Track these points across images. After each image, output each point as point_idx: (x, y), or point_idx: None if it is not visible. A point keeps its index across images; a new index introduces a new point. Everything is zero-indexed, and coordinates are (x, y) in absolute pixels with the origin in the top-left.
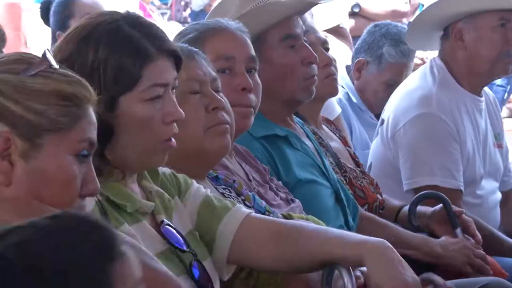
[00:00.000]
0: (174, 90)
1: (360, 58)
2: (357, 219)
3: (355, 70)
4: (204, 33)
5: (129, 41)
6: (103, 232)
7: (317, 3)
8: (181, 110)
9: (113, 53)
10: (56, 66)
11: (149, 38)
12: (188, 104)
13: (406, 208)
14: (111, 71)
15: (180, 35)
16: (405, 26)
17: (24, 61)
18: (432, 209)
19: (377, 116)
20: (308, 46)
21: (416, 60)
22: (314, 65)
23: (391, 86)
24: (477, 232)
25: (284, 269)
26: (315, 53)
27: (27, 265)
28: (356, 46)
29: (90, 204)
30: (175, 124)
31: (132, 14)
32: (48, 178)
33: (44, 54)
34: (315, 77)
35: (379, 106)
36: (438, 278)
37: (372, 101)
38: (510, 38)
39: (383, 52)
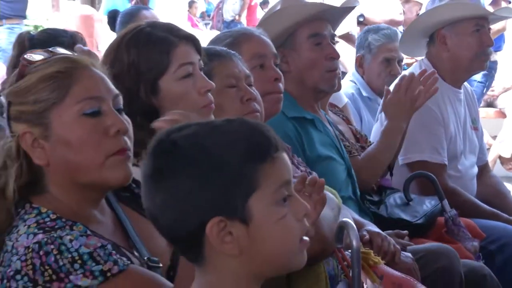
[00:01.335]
0: (202, 71)
1: (357, 56)
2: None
3: (358, 67)
4: (238, 38)
5: (152, 38)
6: (262, 137)
7: (335, 8)
8: (211, 82)
9: (141, 50)
10: (43, 56)
11: (167, 31)
12: (226, 96)
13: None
14: (144, 64)
15: (218, 41)
16: (386, 25)
17: (16, 73)
18: None
19: None
20: (333, 45)
21: None
22: (336, 61)
23: (387, 64)
24: None
25: None
26: (337, 51)
27: (191, 154)
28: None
29: None
30: (209, 93)
31: (149, 21)
32: (67, 143)
33: (22, 58)
34: (337, 71)
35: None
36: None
37: (380, 83)
38: (484, 40)
39: (370, 41)
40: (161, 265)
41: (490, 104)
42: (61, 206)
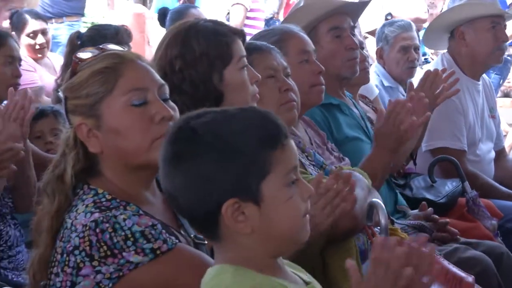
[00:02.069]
0: None
1: (377, 48)
2: None
3: (379, 59)
4: (283, 36)
5: (216, 31)
6: (273, 126)
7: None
8: (257, 74)
9: (210, 41)
10: (92, 53)
11: (223, 26)
12: (266, 86)
13: None
14: (214, 53)
15: (263, 38)
16: (403, 19)
17: (69, 70)
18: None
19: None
20: (352, 37)
21: None
22: (356, 50)
23: (404, 52)
24: None
25: None
26: (356, 42)
27: (209, 140)
28: None
29: None
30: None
31: (203, 18)
32: (116, 132)
33: (74, 56)
34: (357, 59)
35: (405, 73)
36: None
37: (399, 71)
38: (499, 36)
39: (386, 33)
40: (206, 242)
41: (506, 95)
42: (115, 188)
